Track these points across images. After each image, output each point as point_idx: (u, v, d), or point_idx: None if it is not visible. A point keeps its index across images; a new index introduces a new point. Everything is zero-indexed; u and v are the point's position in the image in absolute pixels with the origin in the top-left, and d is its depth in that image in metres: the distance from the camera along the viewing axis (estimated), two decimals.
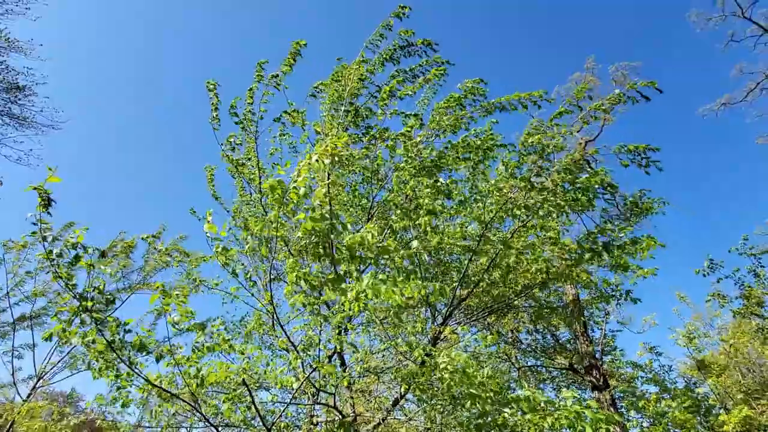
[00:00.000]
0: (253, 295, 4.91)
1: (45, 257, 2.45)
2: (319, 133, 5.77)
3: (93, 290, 2.54)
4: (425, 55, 5.38)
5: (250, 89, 5.31)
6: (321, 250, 2.41)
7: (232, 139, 5.72)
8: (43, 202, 2.38)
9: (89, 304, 2.50)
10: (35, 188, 2.38)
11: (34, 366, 8.39)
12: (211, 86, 5.51)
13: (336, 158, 2.51)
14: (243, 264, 5.68)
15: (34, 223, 2.45)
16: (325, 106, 5.69)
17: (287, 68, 5.28)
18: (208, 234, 4.85)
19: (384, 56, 5.38)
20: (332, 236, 2.37)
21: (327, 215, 2.32)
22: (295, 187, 2.50)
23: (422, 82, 5.53)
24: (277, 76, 5.17)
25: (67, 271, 2.49)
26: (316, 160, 2.47)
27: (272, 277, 4.16)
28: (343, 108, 5.40)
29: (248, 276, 4.81)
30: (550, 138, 4.43)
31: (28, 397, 8.27)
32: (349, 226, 2.54)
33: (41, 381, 8.40)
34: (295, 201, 2.50)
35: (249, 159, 5.84)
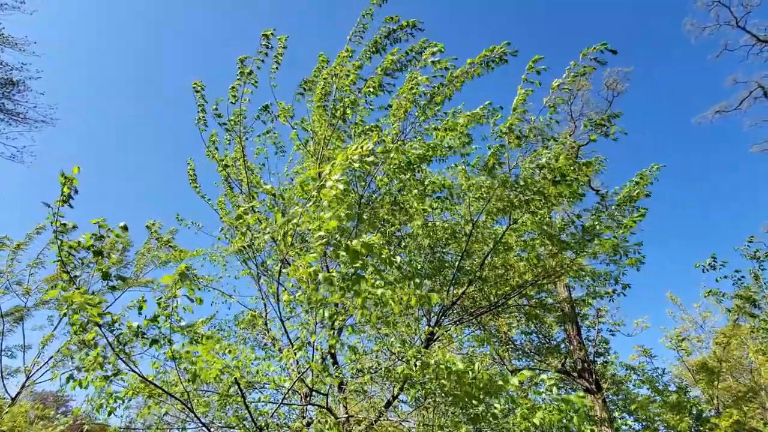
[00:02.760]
0: (261, 280, 4.94)
1: (59, 253, 2.41)
2: (307, 130, 5.73)
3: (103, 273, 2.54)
4: (411, 38, 5.02)
5: (233, 87, 5.19)
6: (342, 249, 2.42)
7: (214, 139, 5.64)
8: (64, 196, 2.35)
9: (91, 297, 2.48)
10: (65, 177, 2.35)
11: (24, 363, 8.29)
12: (198, 87, 5.47)
13: (364, 161, 2.56)
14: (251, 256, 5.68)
15: (54, 214, 2.41)
16: (312, 104, 5.53)
17: (275, 66, 5.19)
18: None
19: (371, 49, 5.14)
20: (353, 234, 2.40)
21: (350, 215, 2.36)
22: (326, 185, 2.51)
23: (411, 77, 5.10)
24: (251, 73, 5.03)
25: (71, 262, 2.47)
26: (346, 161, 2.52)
27: (279, 270, 4.16)
28: (332, 100, 5.23)
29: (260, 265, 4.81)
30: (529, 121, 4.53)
31: (16, 396, 8.15)
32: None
33: (29, 380, 8.29)
34: (327, 197, 2.52)
35: (236, 160, 5.70)
